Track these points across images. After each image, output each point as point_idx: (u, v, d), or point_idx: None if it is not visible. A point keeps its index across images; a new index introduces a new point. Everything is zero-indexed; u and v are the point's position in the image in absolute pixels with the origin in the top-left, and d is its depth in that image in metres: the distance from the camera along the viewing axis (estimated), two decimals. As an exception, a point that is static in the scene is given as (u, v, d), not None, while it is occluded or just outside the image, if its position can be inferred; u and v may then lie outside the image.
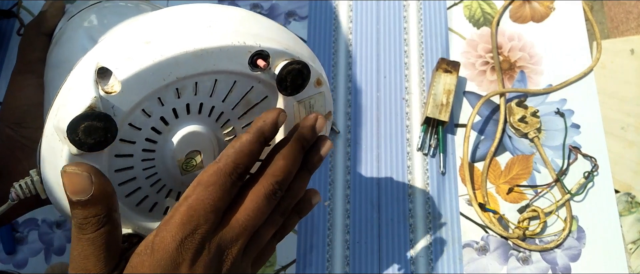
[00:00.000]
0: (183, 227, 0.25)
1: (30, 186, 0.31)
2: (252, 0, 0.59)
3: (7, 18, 0.59)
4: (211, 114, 0.30)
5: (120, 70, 0.25)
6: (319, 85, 0.32)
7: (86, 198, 0.25)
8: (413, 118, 0.54)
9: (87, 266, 0.25)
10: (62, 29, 0.40)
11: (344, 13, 0.59)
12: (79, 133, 0.25)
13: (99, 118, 0.25)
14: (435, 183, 0.51)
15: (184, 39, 0.26)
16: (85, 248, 0.25)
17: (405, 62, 0.57)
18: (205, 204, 0.26)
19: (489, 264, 0.49)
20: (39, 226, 0.50)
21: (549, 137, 0.53)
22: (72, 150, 0.25)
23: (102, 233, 0.25)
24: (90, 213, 0.25)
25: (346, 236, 0.50)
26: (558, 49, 0.57)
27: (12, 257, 0.49)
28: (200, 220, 0.26)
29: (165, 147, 0.30)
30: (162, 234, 0.25)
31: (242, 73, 0.28)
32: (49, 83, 0.38)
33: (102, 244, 0.25)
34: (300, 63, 0.29)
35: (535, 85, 0.55)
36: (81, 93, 0.25)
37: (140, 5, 0.41)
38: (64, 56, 0.36)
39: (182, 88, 0.28)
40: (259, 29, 0.29)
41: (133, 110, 0.27)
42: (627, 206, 0.51)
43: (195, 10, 0.28)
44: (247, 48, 0.27)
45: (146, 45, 0.26)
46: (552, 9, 0.59)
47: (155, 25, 0.27)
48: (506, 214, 0.50)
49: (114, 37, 0.27)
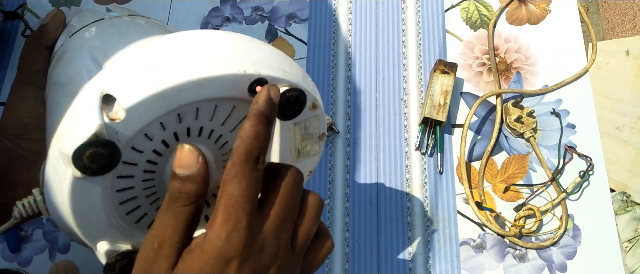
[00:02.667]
0: (224, 224, 0.26)
1: (33, 206, 0.32)
2: (254, 2, 0.60)
3: (11, 20, 0.59)
4: (210, 137, 0.31)
5: (124, 97, 0.26)
6: (314, 108, 0.33)
7: (188, 173, 0.26)
8: (411, 119, 0.55)
9: (165, 235, 0.26)
10: (64, 47, 0.40)
11: (343, 15, 0.60)
12: (84, 159, 0.25)
13: (104, 145, 0.26)
14: (433, 182, 0.52)
15: (186, 67, 0.27)
16: (169, 218, 0.27)
17: (404, 63, 0.57)
18: (236, 196, 0.27)
19: (485, 261, 0.49)
20: (43, 225, 0.51)
21: (545, 136, 0.54)
22: (76, 173, 0.26)
23: (188, 210, 0.27)
24: (184, 188, 0.27)
25: (345, 234, 0.50)
26: (554, 51, 0.58)
27: (16, 255, 0.50)
28: (238, 212, 0.26)
29: (165, 168, 0.31)
30: (209, 236, 0.26)
31: (242, 99, 0.29)
32: (51, 102, 0.38)
33: (184, 220, 0.27)
34: (297, 91, 0.30)
35: (531, 86, 0.56)
36: (86, 120, 0.26)
37: (142, 22, 0.41)
38: (68, 77, 0.37)
39: (184, 113, 0.29)
40: (258, 55, 0.30)
41: (136, 135, 0.27)
42: (622, 205, 0.52)
43: (197, 38, 0.29)
44: (247, 77, 0.28)
45: (150, 72, 0.27)
46: (548, 11, 0.60)
47: (159, 52, 0.28)
48: (503, 212, 0.51)
49: (119, 64, 0.28)
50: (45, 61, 0.42)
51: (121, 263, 0.30)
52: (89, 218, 0.29)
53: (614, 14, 0.61)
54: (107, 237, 0.31)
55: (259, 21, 0.59)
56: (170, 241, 0.26)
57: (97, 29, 0.39)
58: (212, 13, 0.60)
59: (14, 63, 0.57)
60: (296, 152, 0.34)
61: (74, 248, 0.50)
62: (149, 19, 0.43)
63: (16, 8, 0.60)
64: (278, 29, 0.59)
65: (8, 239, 0.50)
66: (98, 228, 0.30)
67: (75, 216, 0.29)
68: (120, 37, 0.37)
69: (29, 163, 0.39)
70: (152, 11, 0.60)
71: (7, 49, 0.58)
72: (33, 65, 0.42)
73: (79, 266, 0.49)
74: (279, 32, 0.59)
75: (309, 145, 0.35)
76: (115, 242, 0.31)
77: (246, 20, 0.60)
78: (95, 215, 0.29)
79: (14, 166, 0.39)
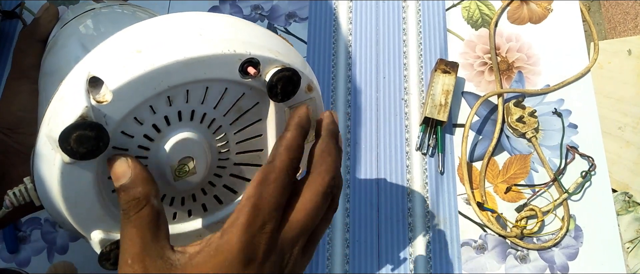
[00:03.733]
0: (250, 227, 0.26)
1: (25, 194, 0.31)
2: (254, 1, 0.60)
3: (9, 19, 0.59)
4: (203, 121, 0.30)
5: (111, 79, 0.25)
6: (310, 91, 0.32)
7: (125, 182, 0.26)
8: (412, 118, 0.55)
9: (133, 248, 0.26)
10: (55, 37, 0.40)
11: (343, 14, 0.59)
12: (71, 142, 0.25)
13: (91, 127, 0.25)
14: (434, 182, 0.52)
15: (174, 48, 0.26)
16: (130, 230, 0.26)
17: (404, 62, 0.57)
18: (268, 202, 0.26)
19: (487, 262, 0.49)
20: (41, 225, 0.51)
21: (547, 136, 0.54)
22: (64, 158, 0.26)
23: (144, 214, 0.26)
24: (129, 196, 0.26)
25: (346, 234, 0.50)
26: (556, 50, 0.57)
27: (15, 256, 0.50)
28: (265, 218, 0.26)
29: (157, 154, 0.30)
30: (227, 237, 0.26)
31: (233, 80, 0.29)
32: (41, 91, 0.38)
33: (145, 226, 0.26)
34: (290, 71, 0.29)
35: (533, 86, 0.56)
36: (73, 103, 0.25)
37: (136, 12, 0.41)
38: (57, 65, 0.37)
39: (174, 96, 0.28)
40: (249, 36, 0.29)
41: (125, 119, 0.27)
42: (624, 206, 0.52)
43: (185, 19, 0.29)
44: (237, 56, 0.28)
45: (137, 54, 0.26)
46: (550, 10, 0.59)
47: (146, 34, 0.27)
48: (504, 213, 0.51)
49: (105, 46, 0.27)
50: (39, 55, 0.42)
51: (116, 251, 0.30)
52: (81, 206, 0.29)
53: (616, 13, 0.60)
54: (101, 226, 0.30)
55: (259, 20, 0.59)
56: (140, 252, 0.26)
57: (87, 17, 0.39)
58: (211, 12, 0.60)
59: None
60: None
61: (73, 248, 0.50)
62: (140, 7, 0.42)
63: (14, 7, 0.60)
64: (278, 28, 0.59)
65: (6, 240, 0.49)
66: (91, 216, 0.30)
67: (67, 204, 0.28)
68: (110, 24, 0.37)
69: (23, 157, 0.39)
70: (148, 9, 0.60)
71: (5, 48, 0.58)
72: (26, 60, 0.41)
73: (77, 267, 0.49)
74: (279, 31, 0.59)
75: None
76: (110, 231, 0.31)
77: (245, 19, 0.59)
78: (87, 202, 0.29)
79: (10, 161, 0.39)
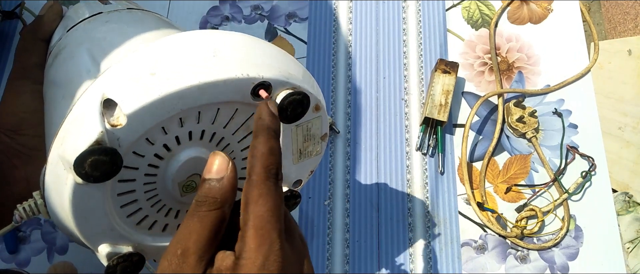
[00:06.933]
0: (260, 249, 0.26)
1: (34, 209, 0.31)
2: (254, 1, 0.60)
3: (9, 19, 0.59)
4: (212, 139, 0.31)
5: (125, 103, 0.26)
6: (317, 110, 0.32)
7: (217, 178, 0.27)
8: (412, 119, 0.55)
9: (189, 241, 0.26)
10: (61, 42, 0.39)
11: (343, 14, 0.59)
12: (86, 167, 0.25)
13: (106, 152, 0.25)
14: (434, 182, 0.52)
15: (188, 71, 0.27)
16: (194, 223, 0.26)
17: (404, 62, 0.57)
18: (266, 217, 0.26)
19: (487, 263, 0.49)
20: (41, 226, 0.51)
21: (547, 136, 0.54)
22: (77, 180, 0.26)
23: (213, 215, 0.26)
24: (211, 193, 0.26)
25: (346, 234, 0.50)
26: (556, 50, 0.57)
27: (14, 256, 0.50)
28: (271, 234, 0.26)
29: (167, 171, 0.30)
30: (243, 263, 0.26)
31: (244, 102, 0.29)
32: (49, 101, 0.38)
33: (208, 226, 0.26)
34: (301, 94, 0.29)
35: (533, 86, 0.56)
36: (87, 127, 0.25)
37: (141, 15, 0.41)
38: (67, 76, 0.36)
39: (186, 117, 0.28)
40: (261, 57, 0.29)
41: (138, 141, 0.27)
42: (624, 206, 0.52)
43: (199, 38, 0.29)
44: (250, 80, 0.28)
45: (151, 77, 0.26)
46: (550, 10, 0.59)
47: (160, 55, 0.27)
48: (504, 213, 0.51)
49: (120, 68, 0.27)
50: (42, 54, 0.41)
51: (123, 265, 0.30)
52: (90, 222, 0.29)
53: (616, 13, 0.60)
54: (108, 239, 0.31)
55: (259, 20, 0.59)
56: (194, 247, 0.26)
57: (95, 23, 0.38)
58: (211, 12, 0.60)
59: (12, 64, 0.57)
60: (298, 153, 0.34)
61: (72, 249, 0.50)
62: (147, 11, 0.42)
63: (14, 8, 0.60)
64: (278, 28, 0.59)
65: (6, 241, 0.49)
66: (99, 230, 0.30)
67: (76, 220, 0.28)
68: (119, 34, 0.37)
69: (26, 158, 0.39)
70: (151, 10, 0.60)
71: (5, 49, 0.58)
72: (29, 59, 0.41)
73: (77, 267, 0.49)
74: (279, 31, 0.58)
75: (311, 145, 0.35)
76: (117, 244, 0.31)
77: (245, 20, 0.59)
78: (96, 218, 0.29)
79: (11, 162, 0.39)
